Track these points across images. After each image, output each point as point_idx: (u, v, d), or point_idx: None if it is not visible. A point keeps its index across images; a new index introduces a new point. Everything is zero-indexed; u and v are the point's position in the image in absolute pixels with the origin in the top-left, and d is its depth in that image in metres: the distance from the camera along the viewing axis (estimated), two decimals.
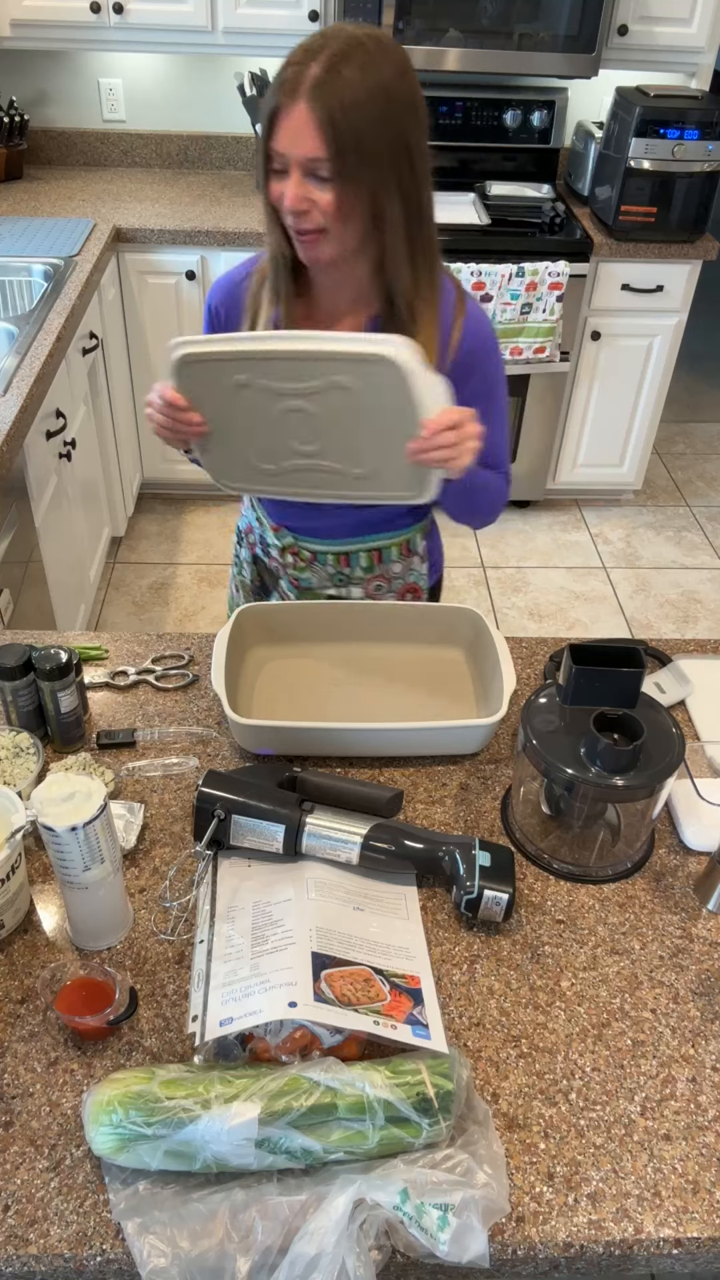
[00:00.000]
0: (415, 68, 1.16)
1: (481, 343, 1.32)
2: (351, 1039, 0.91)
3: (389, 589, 1.57)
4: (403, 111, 1.12)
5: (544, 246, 2.96)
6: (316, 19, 2.84)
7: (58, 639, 1.45)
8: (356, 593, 1.56)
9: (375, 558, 1.53)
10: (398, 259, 1.21)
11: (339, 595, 1.57)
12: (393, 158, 1.13)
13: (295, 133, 1.09)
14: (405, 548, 1.55)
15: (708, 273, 5.59)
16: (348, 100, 1.08)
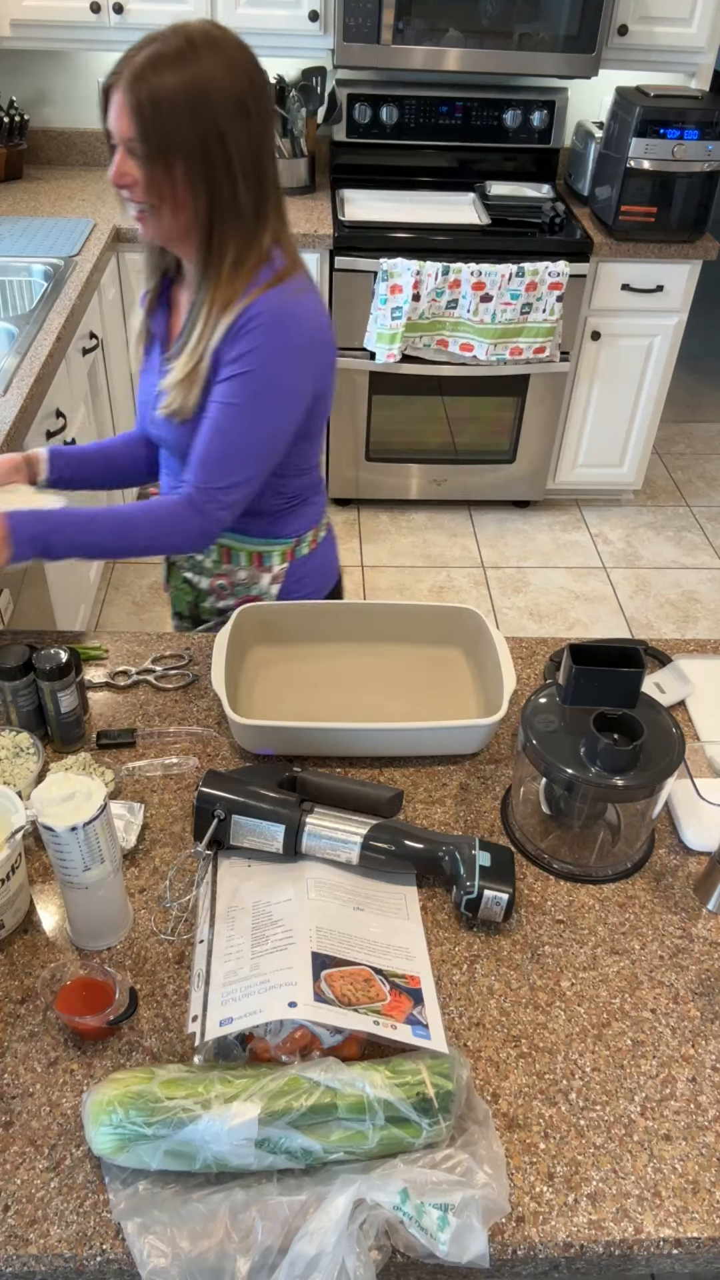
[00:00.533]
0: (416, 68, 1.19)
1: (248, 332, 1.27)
2: (351, 1039, 0.92)
3: (231, 594, 1.56)
4: (219, 108, 1.17)
5: (544, 246, 2.96)
6: (316, 19, 2.84)
7: (58, 639, 1.45)
8: (204, 583, 1.56)
9: (224, 555, 1.53)
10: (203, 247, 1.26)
11: (191, 579, 1.57)
12: (203, 151, 1.18)
13: (116, 114, 1.19)
14: (258, 560, 1.52)
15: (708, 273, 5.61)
16: (158, 90, 1.15)
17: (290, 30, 2.87)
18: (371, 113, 3.17)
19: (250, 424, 1.31)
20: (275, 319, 1.27)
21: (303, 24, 2.86)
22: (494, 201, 3.12)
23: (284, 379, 1.30)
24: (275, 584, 1.56)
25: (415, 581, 3.28)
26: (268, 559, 1.53)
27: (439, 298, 2.91)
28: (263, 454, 1.34)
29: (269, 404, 1.30)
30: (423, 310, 2.93)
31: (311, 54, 2.96)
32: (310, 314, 1.31)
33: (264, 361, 1.28)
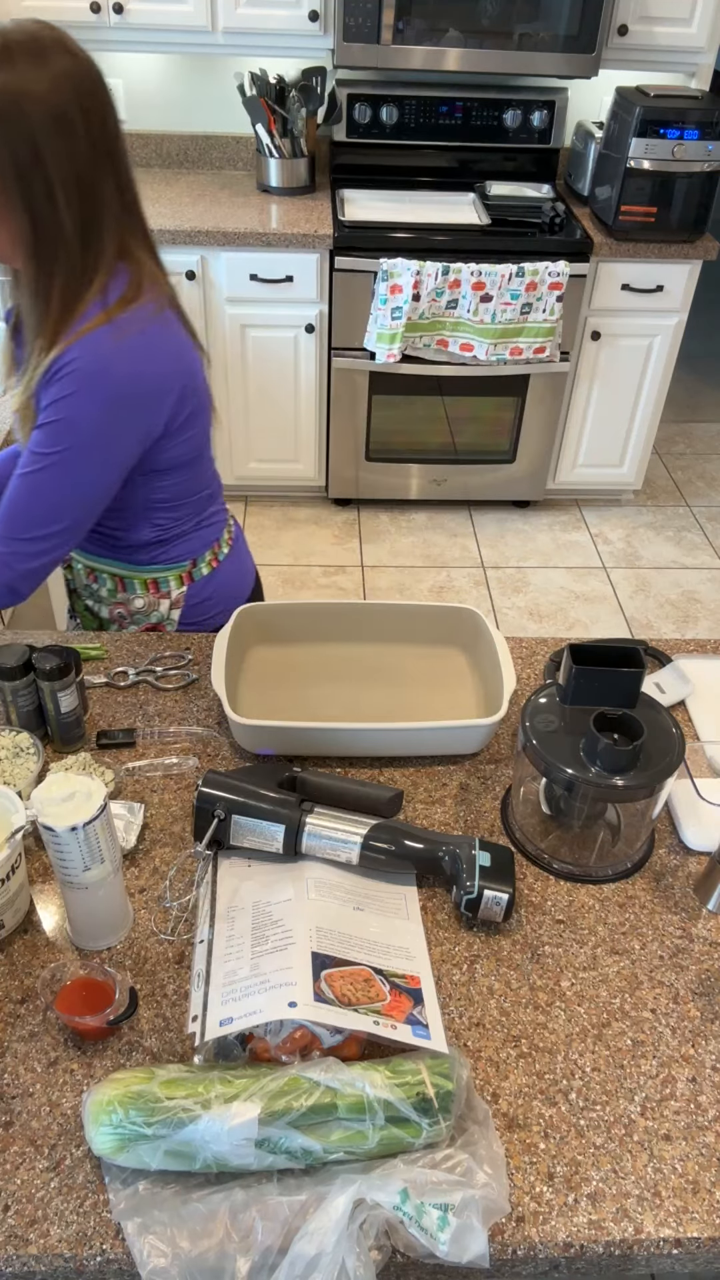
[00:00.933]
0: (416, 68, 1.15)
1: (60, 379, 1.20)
2: (351, 1039, 0.92)
3: (131, 621, 1.53)
4: (37, 123, 1.07)
5: (544, 246, 2.96)
6: (316, 19, 2.84)
7: (58, 639, 1.45)
8: (104, 611, 1.54)
9: (119, 584, 1.50)
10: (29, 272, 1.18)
11: (92, 607, 1.55)
12: (14, 167, 1.09)
13: None
14: (153, 586, 1.50)
15: (708, 273, 5.61)
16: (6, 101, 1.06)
17: (290, 30, 2.87)
18: (371, 113, 3.17)
19: (58, 477, 1.23)
20: (89, 368, 1.18)
21: (303, 24, 2.86)
22: (494, 201, 3.13)
23: (95, 432, 1.21)
24: (175, 609, 1.52)
25: (415, 581, 3.28)
26: (164, 585, 1.49)
27: (439, 298, 2.92)
28: (75, 506, 1.26)
29: (78, 457, 1.22)
30: (423, 310, 2.93)
31: (311, 54, 2.96)
32: (137, 358, 1.21)
33: (73, 413, 1.19)
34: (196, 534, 1.48)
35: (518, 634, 3.09)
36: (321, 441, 3.37)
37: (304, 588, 3.17)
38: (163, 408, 1.27)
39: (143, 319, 1.22)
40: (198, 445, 1.38)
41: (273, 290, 3.02)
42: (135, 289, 1.23)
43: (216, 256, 2.97)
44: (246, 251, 2.95)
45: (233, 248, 2.94)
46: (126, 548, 1.45)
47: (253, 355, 3.16)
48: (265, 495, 3.61)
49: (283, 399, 3.26)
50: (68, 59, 1.09)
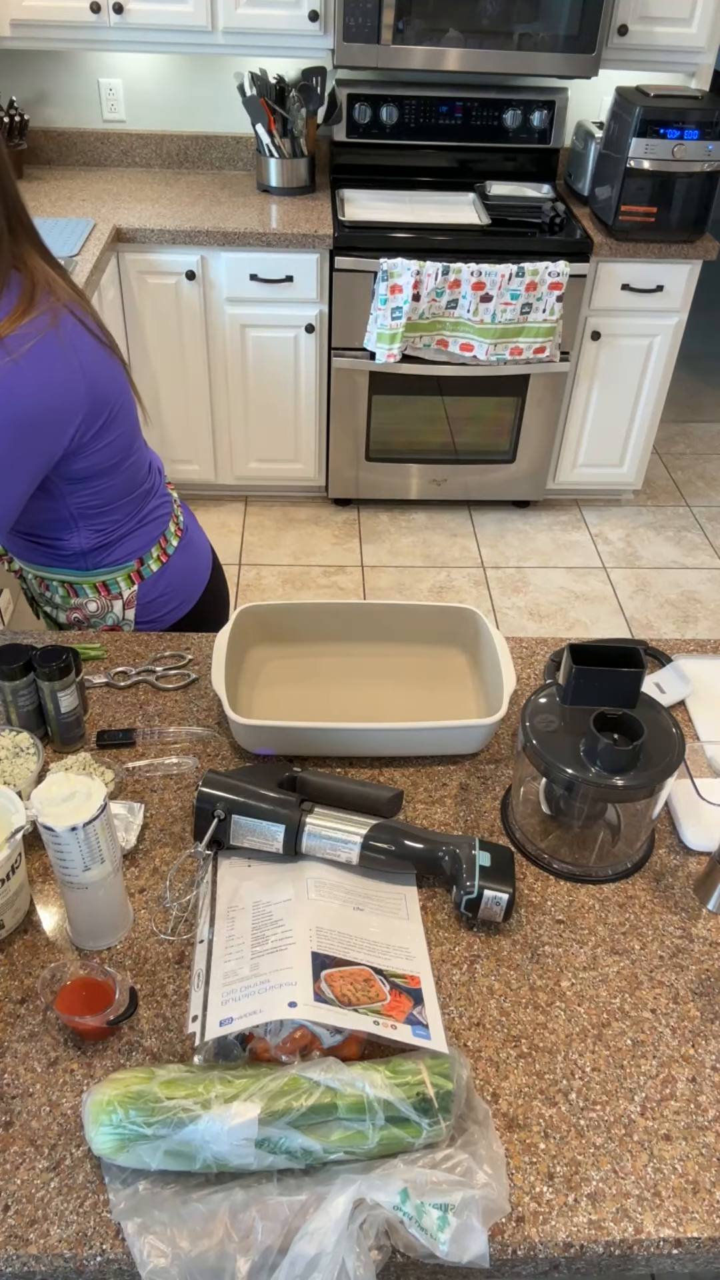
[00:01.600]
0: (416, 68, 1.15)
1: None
2: (351, 1039, 0.92)
3: (88, 624, 1.53)
4: None
5: (544, 246, 2.96)
6: (316, 19, 2.84)
7: (58, 639, 1.45)
8: (61, 616, 1.53)
9: (70, 590, 1.49)
10: None
11: (50, 614, 1.55)
12: None
13: None
14: (103, 589, 1.48)
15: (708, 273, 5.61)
16: None
17: (290, 30, 2.87)
18: (371, 113, 3.17)
19: None
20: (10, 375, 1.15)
21: (303, 24, 2.86)
22: (494, 201, 3.13)
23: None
24: (129, 609, 1.50)
25: (415, 581, 3.28)
26: (113, 587, 1.48)
27: (439, 298, 2.92)
28: None
29: None
30: (423, 310, 2.93)
31: (311, 54, 2.96)
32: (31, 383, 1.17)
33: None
34: (139, 531, 1.46)
35: (518, 634, 3.09)
36: (321, 441, 3.37)
37: (304, 588, 3.17)
38: (65, 429, 1.24)
39: (34, 334, 1.17)
40: (119, 449, 1.35)
41: (273, 290, 3.02)
42: (27, 301, 1.18)
43: (216, 256, 2.97)
44: (246, 251, 2.95)
45: (233, 248, 2.94)
46: (69, 555, 1.44)
47: (253, 355, 3.16)
48: (265, 495, 3.61)
49: (283, 399, 3.26)
50: None
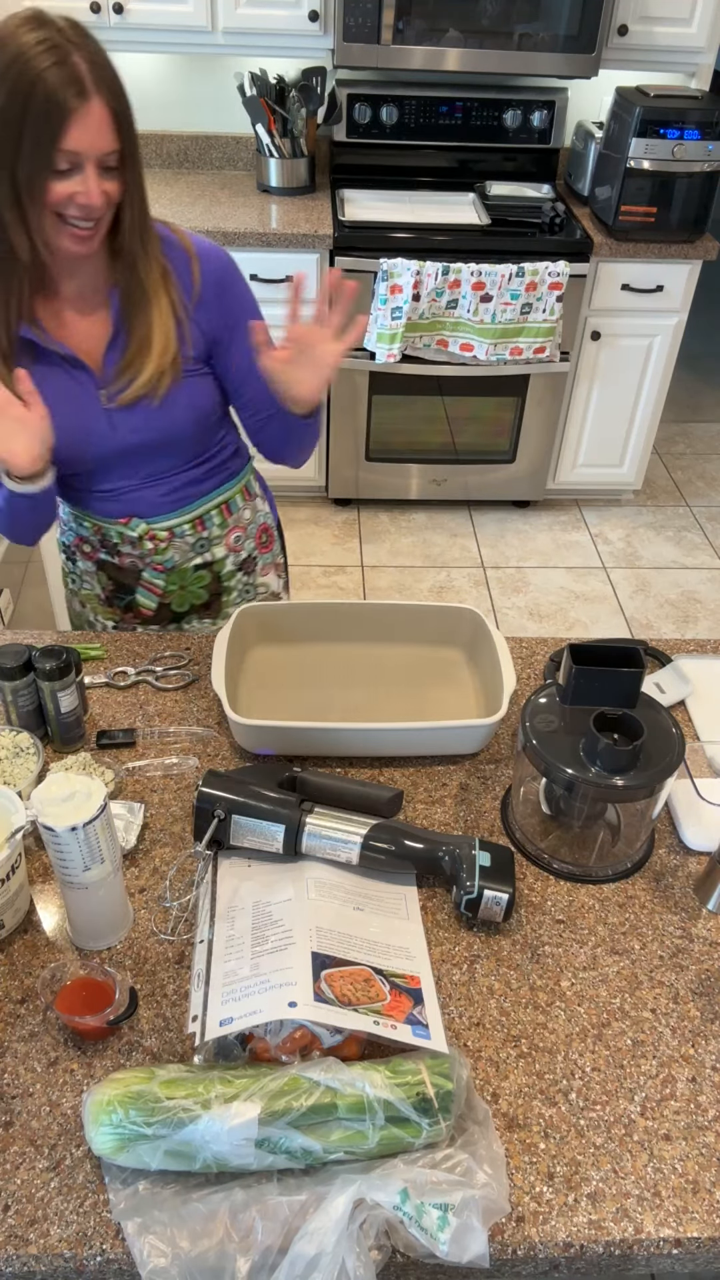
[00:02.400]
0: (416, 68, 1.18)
1: (220, 275, 1.36)
2: (351, 1039, 0.91)
3: (246, 536, 1.59)
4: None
5: (544, 246, 2.96)
6: (316, 19, 2.84)
7: (58, 639, 1.45)
8: (220, 552, 1.56)
9: (225, 511, 1.54)
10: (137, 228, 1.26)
11: (204, 564, 1.56)
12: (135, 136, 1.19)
13: (96, 129, 1.11)
14: (246, 492, 1.57)
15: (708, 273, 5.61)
16: (119, 86, 1.13)
17: (290, 30, 2.87)
18: (371, 113, 3.17)
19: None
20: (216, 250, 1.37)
21: (303, 24, 2.86)
22: (494, 201, 3.12)
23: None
24: (264, 500, 1.63)
25: (415, 581, 3.28)
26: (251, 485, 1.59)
27: (439, 298, 2.91)
28: None
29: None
30: (423, 310, 2.93)
31: (311, 54, 2.96)
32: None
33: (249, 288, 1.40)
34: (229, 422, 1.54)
35: (518, 634, 3.09)
36: (321, 441, 3.37)
37: (304, 588, 3.17)
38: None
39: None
40: None
41: (273, 290, 3.02)
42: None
43: None
44: (246, 251, 2.95)
45: (233, 248, 2.94)
46: (229, 457, 1.52)
47: None
48: None
49: None
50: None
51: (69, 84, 1.08)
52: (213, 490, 1.51)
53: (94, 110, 1.10)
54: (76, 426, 1.35)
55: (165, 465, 1.44)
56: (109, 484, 1.44)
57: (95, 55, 1.11)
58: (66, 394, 1.33)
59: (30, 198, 1.15)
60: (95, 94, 1.10)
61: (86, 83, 1.09)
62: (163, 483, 1.45)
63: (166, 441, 1.40)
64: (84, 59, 1.10)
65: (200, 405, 1.39)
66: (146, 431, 1.38)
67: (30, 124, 1.09)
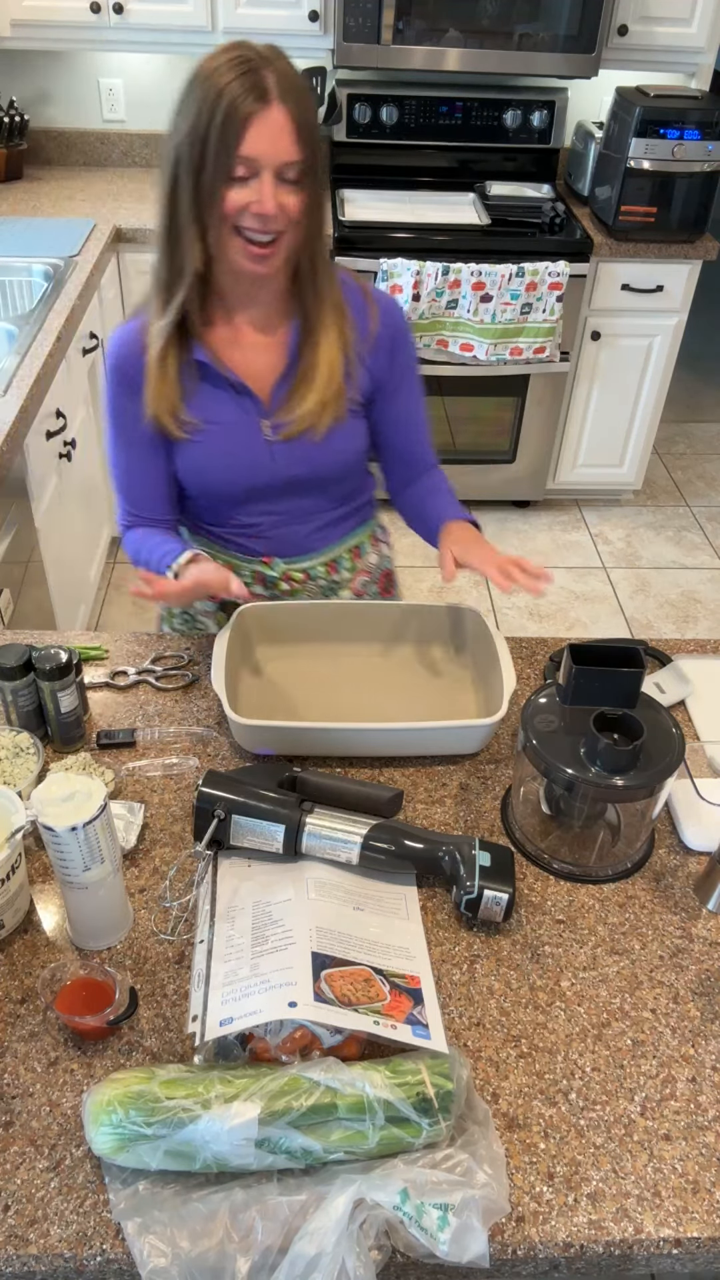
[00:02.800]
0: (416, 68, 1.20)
1: (396, 327, 1.38)
2: (351, 1039, 0.92)
3: (371, 581, 1.59)
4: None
5: (544, 246, 2.96)
6: (316, 19, 2.84)
7: (58, 639, 1.45)
8: (345, 595, 1.56)
9: (354, 555, 1.55)
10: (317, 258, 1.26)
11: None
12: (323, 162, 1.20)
13: (274, 136, 1.11)
14: (374, 538, 1.58)
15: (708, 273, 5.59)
16: (307, 101, 1.14)
17: (290, 30, 2.87)
18: (371, 113, 3.17)
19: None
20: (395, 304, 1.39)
21: (303, 24, 2.86)
22: (494, 201, 3.12)
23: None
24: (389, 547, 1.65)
25: (415, 581, 3.27)
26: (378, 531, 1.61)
27: (439, 298, 2.91)
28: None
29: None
30: (423, 310, 2.93)
31: (311, 54, 2.96)
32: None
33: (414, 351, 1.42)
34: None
35: (518, 634, 3.09)
36: None
37: None
38: None
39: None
40: None
41: None
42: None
43: None
44: None
45: None
46: (364, 503, 1.55)
47: None
48: None
49: None
50: None
51: (251, 90, 1.11)
52: (347, 533, 1.52)
53: (274, 116, 1.11)
54: (238, 454, 1.36)
55: (312, 504, 1.44)
56: (255, 517, 1.44)
57: (285, 70, 1.12)
58: (232, 421, 1.34)
59: (209, 207, 1.16)
60: (278, 101, 1.11)
61: (270, 91, 1.10)
62: (306, 522, 1.46)
63: (320, 479, 1.41)
64: (273, 72, 1.11)
65: (357, 447, 1.41)
66: (304, 466, 1.38)
67: (213, 131, 1.11)
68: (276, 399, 1.34)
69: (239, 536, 1.47)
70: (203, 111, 1.11)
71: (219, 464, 1.36)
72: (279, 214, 1.16)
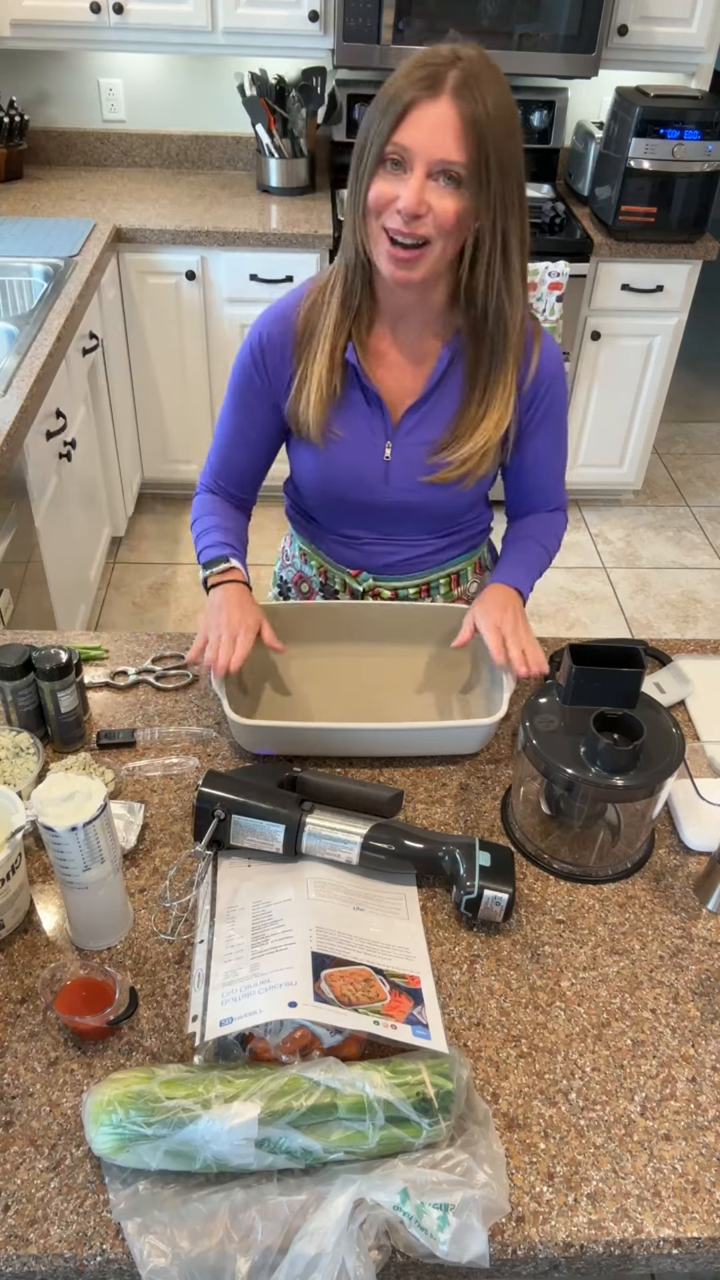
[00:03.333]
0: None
1: (555, 373, 1.31)
2: (351, 1039, 0.91)
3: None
4: (520, 134, 1.10)
5: (544, 246, 2.96)
6: (316, 19, 2.84)
7: (58, 639, 1.45)
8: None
9: (454, 581, 1.51)
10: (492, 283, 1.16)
11: None
12: (516, 177, 1.09)
13: (434, 130, 1.03)
14: (478, 565, 1.53)
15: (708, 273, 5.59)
16: (492, 107, 1.04)
17: (290, 30, 2.87)
18: None
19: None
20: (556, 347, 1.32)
21: (303, 24, 2.86)
22: None
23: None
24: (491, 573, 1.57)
25: None
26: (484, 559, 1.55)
27: None
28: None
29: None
30: None
31: (311, 54, 2.96)
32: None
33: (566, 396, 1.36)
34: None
35: None
36: None
37: None
38: None
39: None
40: None
41: (273, 290, 3.02)
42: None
43: (216, 256, 2.97)
44: (246, 251, 2.95)
45: (233, 248, 2.94)
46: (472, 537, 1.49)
47: None
48: (265, 495, 3.60)
49: None
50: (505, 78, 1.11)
51: (423, 80, 1.03)
52: (449, 560, 1.49)
53: (440, 109, 1.03)
54: (354, 466, 1.32)
55: (415, 530, 1.41)
56: (356, 531, 1.42)
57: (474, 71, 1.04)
58: (360, 430, 1.30)
59: (362, 196, 1.10)
60: (450, 95, 1.03)
61: (445, 83, 1.03)
62: (406, 547, 1.43)
63: (430, 510, 1.37)
64: (458, 70, 1.04)
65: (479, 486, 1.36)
66: (416, 494, 1.34)
67: (376, 115, 1.07)
68: (407, 423, 1.29)
69: (337, 544, 1.45)
70: (379, 100, 1.07)
71: (337, 471, 1.32)
72: (426, 215, 1.07)
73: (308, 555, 1.51)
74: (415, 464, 1.32)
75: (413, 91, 1.04)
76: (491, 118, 1.04)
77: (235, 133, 3.37)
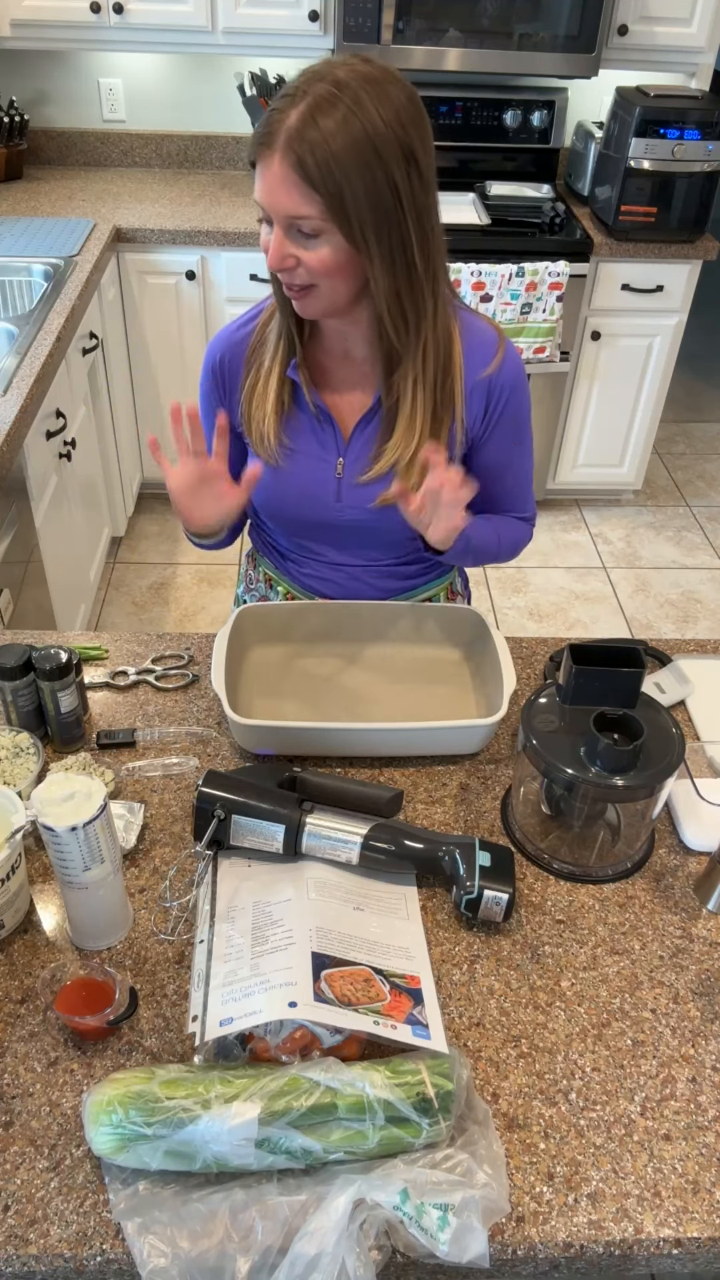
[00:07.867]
0: (416, 68, 1.15)
1: (513, 382, 1.29)
2: (351, 1039, 0.91)
3: None
4: (391, 160, 1.02)
5: (544, 246, 2.96)
6: (316, 19, 2.84)
7: (58, 639, 1.45)
8: None
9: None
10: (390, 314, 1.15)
11: None
12: (379, 211, 1.05)
13: (273, 188, 1.03)
14: (450, 590, 1.53)
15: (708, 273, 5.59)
16: (324, 154, 1.00)
17: (290, 30, 2.87)
18: None
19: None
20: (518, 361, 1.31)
21: (303, 24, 2.86)
22: (494, 201, 3.12)
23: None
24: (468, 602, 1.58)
25: None
26: (455, 584, 1.55)
27: None
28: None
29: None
30: None
31: (311, 54, 2.96)
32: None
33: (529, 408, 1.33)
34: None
35: (518, 634, 3.09)
36: None
37: None
38: None
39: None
40: None
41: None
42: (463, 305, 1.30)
43: (216, 256, 2.97)
44: (246, 251, 2.95)
45: (233, 248, 2.94)
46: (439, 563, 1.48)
47: None
48: None
49: None
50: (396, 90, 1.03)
51: (261, 136, 1.02)
52: (418, 586, 1.48)
53: (274, 166, 1.01)
54: (307, 484, 1.32)
55: (374, 555, 1.40)
56: (310, 553, 1.42)
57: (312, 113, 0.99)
58: (311, 446, 1.30)
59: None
60: (282, 151, 1.00)
61: (278, 139, 1.00)
62: (366, 569, 1.42)
63: (386, 532, 1.35)
64: (299, 114, 0.99)
65: None
66: (370, 515, 1.32)
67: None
68: (358, 439, 1.29)
69: (294, 565, 1.45)
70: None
71: (290, 490, 1.31)
72: (295, 266, 1.08)
73: (274, 581, 1.50)
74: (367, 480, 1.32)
75: (256, 148, 1.03)
76: (337, 156, 1.00)
77: (235, 133, 3.37)
